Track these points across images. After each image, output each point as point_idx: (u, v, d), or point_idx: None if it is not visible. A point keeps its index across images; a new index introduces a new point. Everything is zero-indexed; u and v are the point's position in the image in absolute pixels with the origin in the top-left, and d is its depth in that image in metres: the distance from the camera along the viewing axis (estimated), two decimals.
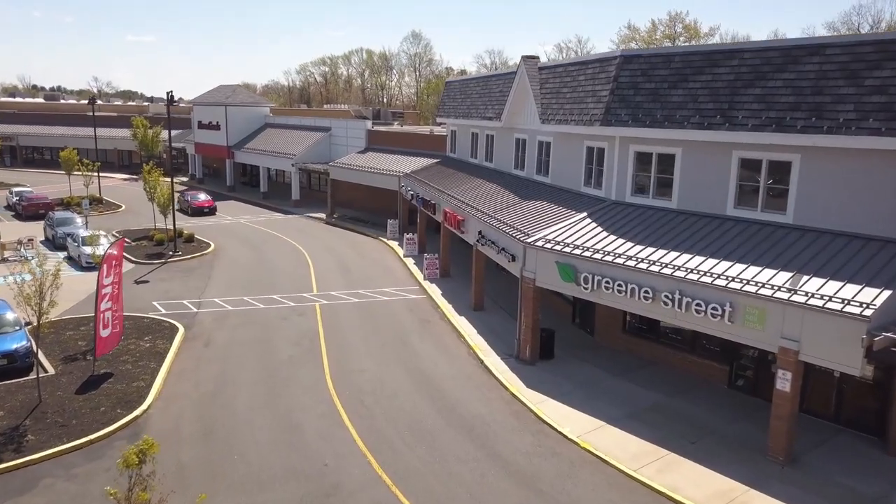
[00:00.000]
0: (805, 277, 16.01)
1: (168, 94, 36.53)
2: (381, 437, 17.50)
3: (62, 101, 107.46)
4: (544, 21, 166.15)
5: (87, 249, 32.62)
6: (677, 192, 21.16)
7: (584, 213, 22.69)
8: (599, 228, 21.38)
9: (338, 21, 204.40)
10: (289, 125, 64.37)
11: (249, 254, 39.07)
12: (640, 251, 19.31)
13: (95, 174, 51.32)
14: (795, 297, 15.41)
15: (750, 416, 18.63)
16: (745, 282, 16.48)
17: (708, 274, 17.27)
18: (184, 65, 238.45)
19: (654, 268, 18.29)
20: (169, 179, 39.11)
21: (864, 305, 14.42)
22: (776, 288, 15.92)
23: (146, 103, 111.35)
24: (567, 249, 20.64)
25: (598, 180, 24.19)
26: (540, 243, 21.51)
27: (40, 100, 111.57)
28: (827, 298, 15.02)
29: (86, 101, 67.21)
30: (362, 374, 21.60)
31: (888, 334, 14.16)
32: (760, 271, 16.77)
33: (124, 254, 36.44)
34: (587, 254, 20.02)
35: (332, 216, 50.73)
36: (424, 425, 18.20)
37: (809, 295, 15.31)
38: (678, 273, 17.72)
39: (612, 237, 20.59)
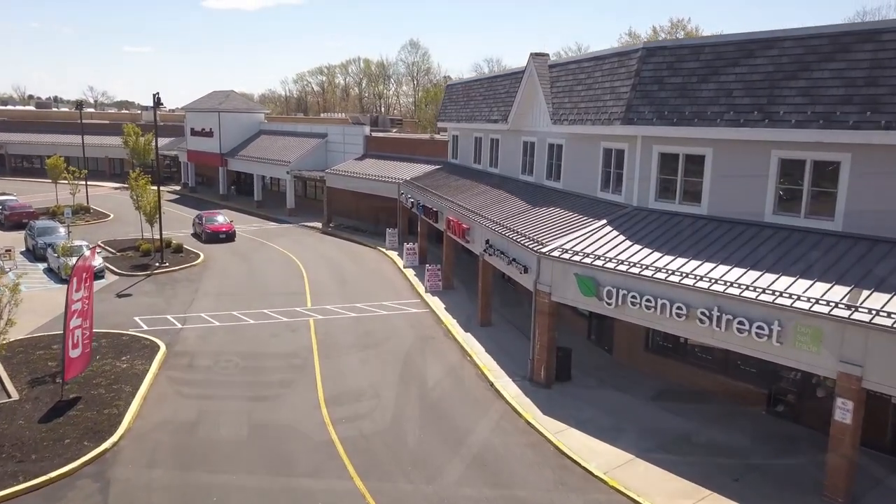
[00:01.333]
0: (865, 292, 14.03)
1: (154, 95, 34.55)
2: (382, 472, 15.43)
3: (53, 110, 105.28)
4: (543, 29, 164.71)
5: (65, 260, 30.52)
6: (707, 196, 19.20)
7: (604, 221, 20.72)
8: (622, 237, 19.40)
9: (335, 30, 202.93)
10: (284, 132, 62.46)
11: (240, 265, 36.99)
12: (670, 262, 17.33)
13: (82, 182, 49.31)
14: (857, 315, 13.45)
15: (795, 447, 16.61)
16: (795, 297, 14.50)
17: (750, 288, 15.28)
18: (181, 75, 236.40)
19: (688, 281, 16.30)
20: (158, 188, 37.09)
21: None
22: (833, 304, 13.94)
23: (139, 111, 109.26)
24: (587, 260, 18.65)
25: (618, 185, 22.23)
26: (556, 253, 19.52)
27: (31, 108, 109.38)
28: None
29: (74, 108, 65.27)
30: (360, 399, 19.55)
31: None
32: (811, 285, 14.79)
33: (107, 265, 34.61)
34: (611, 265, 18.03)
35: (329, 225, 48.77)
36: (430, 459, 16.14)
37: (874, 313, 13.35)
38: (716, 287, 15.73)
39: (637, 247, 18.62)
